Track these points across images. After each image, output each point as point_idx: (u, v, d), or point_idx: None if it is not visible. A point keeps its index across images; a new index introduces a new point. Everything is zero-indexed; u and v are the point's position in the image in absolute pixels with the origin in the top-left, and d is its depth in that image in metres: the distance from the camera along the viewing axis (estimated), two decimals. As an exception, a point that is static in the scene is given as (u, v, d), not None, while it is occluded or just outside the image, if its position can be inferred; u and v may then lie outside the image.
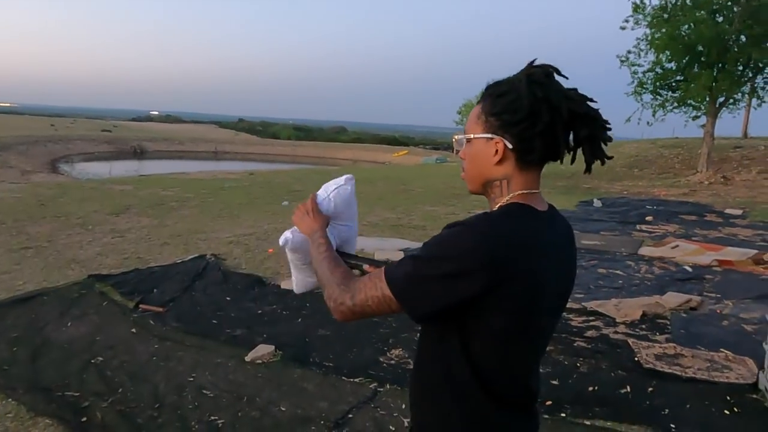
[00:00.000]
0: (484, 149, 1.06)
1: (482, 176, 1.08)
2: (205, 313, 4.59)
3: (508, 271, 0.94)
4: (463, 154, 1.11)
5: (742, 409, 3.01)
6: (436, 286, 0.96)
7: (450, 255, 0.95)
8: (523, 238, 0.98)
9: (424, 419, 1.10)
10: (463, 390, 1.02)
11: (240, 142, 52.78)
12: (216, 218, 9.74)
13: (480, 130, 1.06)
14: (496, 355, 1.01)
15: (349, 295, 1.06)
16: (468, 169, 1.11)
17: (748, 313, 4.62)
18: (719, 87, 13.79)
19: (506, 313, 0.97)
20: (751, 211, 10.40)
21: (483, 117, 1.06)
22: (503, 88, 1.04)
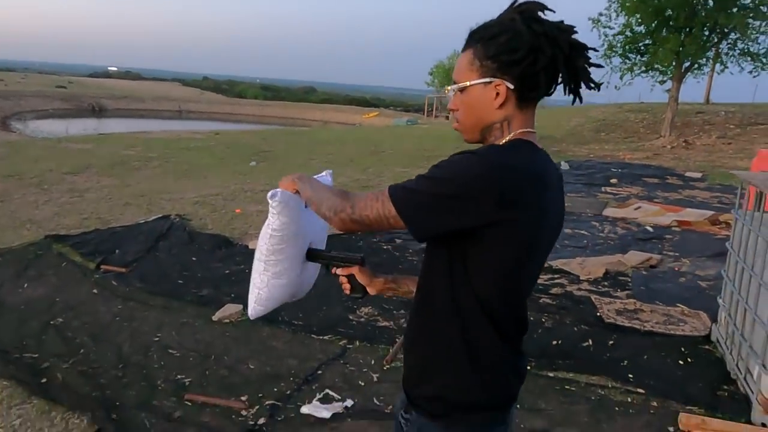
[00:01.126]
0: (482, 95, 1.04)
1: (482, 122, 1.06)
2: (170, 273, 4.49)
3: (517, 202, 0.94)
4: (455, 104, 1.08)
5: (695, 359, 3.16)
6: (442, 207, 0.94)
7: (459, 178, 0.94)
8: (532, 170, 0.98)
9: (425, 355, 1.08)
10: (469, 321, 1.02)
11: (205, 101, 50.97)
12: (181, 178, 9.46)
13: (476, 76, 1.03)
14: (496, 285, 1.01)
15: (349, 204, 1.04)
16: (464, 118, 1.07)
17: (703, 270, 4.82)
18: (686, 51, 13.97)
19: (511, 244, 0.97)
20: (709, 174, 10.74)
21: (477, 62, 1.03)
22: (494, 30, 1.01)
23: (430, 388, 1.07)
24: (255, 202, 7.38)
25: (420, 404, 1.10)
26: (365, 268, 1.32)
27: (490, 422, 1.08)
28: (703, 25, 14.03)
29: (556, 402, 2.67)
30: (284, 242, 1.25)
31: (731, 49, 15.14)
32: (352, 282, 1.32)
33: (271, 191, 1.24)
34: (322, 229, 1.40)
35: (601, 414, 2.59)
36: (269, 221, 1.24)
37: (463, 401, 1.05)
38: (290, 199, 1.23)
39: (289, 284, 1.32)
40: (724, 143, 14.78)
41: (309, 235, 1.33)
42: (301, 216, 1.27)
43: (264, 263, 1.28)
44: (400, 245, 5.38)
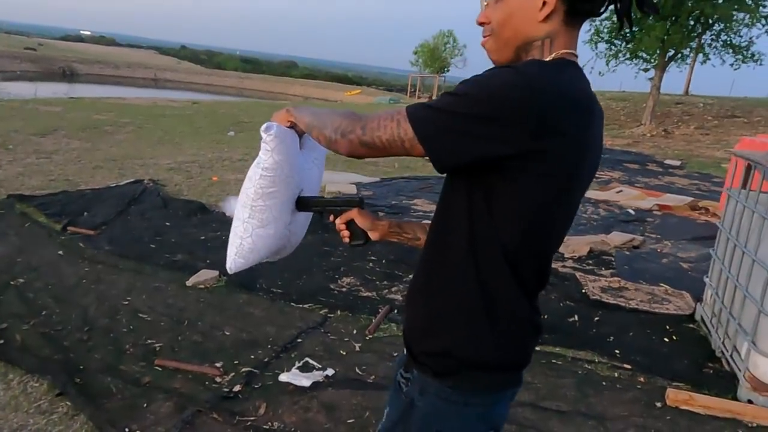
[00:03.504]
0: (525, 3, 0.88)
1: (520, 37, 0.90)
2: (142, 237, 4.27)
3: (560, 130, 0.80)
4: (487, 16, 0.93)
5: (679, 337, 3.13)
6: (471, 131, 0.79)
7: (493, 97, 0.78)
8: (580, 95, 0.84)
9: (435, 306, 0.94)
10: (488, 268, 0.88)
11: (183, 71, 49.47)
12: (155, 145, 9.11)
13: None
14: (524, 229, 0.87)
15: (360, 125, 0.90)
16: (500, 31, 0.91)
17: (684, 252, 4.83)
18: (671, 40, 14.00)
19: (547, 180, 0.83)
20: (688, 162, 10.88)
21: None
22: None
23: (438, 342, 0.94)
24: (233, 170, 7.14)
25: (424, 361, 0.96)
26: (365, 211, 1.17)
27: (502, 384, 0.96)
28: (689, 15, 14.06)
29: (542, 376, 2.60)
30: (276, 185, 1.09)
31: (714, 40, 15.26)
32: (351, 228, 1.17)
33: (265, 124, 1.08)
34: (316, 179, 1.26)
35: (588, 388, 2.54)
36: (260, 159, 1.08)
37: (474, 358, 0.92)
38: (286, 135, 1.09)
39: (276, 236, 1.16)
40: (702, 134, 14.99)
41: (302, 182, 1.18)
42: (296, 157, 1.13)
43: (250, 209, 1.12)
44: (383, 218, 5.25)
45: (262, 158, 1.09)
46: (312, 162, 1.23)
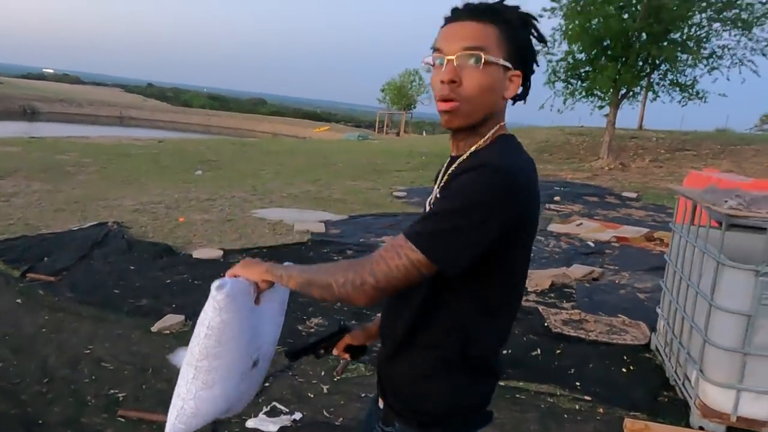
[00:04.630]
0: (500, 78, 0.96)
1: (490, 107, 0.97)
2: (105, 282, 4.20)
3: (527, 206, 0.93)
4: (456, 75, 0.94)
5: (636, 366, 3.26)
6: (472, 237, 0.88)
7: (483, 202, 0.87)
8: (531, 171, 0.97)
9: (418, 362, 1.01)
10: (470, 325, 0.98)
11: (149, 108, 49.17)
12: (120, 185, 9.00)
13: (501, 56, 0.95)
14: (502, 288, 0.99)
15: (367, 272, 0.90)
16: (474, 96, 0.95)
17: (641, 283, 5.04)
18: (622, 79, 14.80)
19: (522, 246, 0.98)
20: (644, 194, 11.37)
21: (504, 43, 0.95)
22: (518, 22, 0.97)
23: (423, 396, 1.02)
24: (200, 211, 7.11)
25: (408, 414, 1.02)
26: (353, 331, 1.24)
27: (480, 423, 1.06)
28: (638, 56, 14.94)
29: (507, 410, 2.66)
30: (222, 344, 1.00)
31: (662, 79, 16.20)
32: (350, 350, 1.24)
33: (218, 281, 0.99)
34: (277, 325, 1.18)
35: (550, 421, 2.61)
36: (206, 317, 0.99)
37: (457, 406, 1.01)
38: (240, 292, 1.01)
39: (223, 396, 1.06)
40: (656, 166, 15.73)
41: (257, 336, 1.10)
42: (250, 313, 1.05)
43: (194, 369, 1.01)
44: (351, 256, 5.30)
45: (209, 315, 0.99)
46: (272, 309, 1.14)
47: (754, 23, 14.08)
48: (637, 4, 14.46)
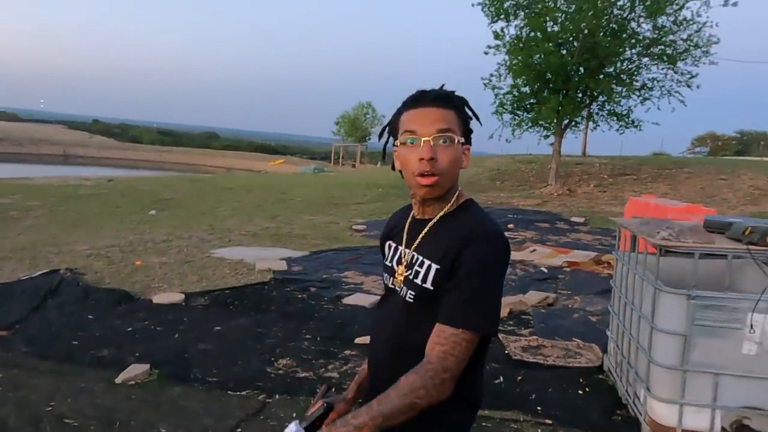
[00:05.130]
0: (459, 153, 1.15)
1: (455, 178, 1.17)
2: (63, 333, 4.09)
3: None
4: (440, 153, 1.12)
5: (591, 388, 3.46)
6: (499, 298, 1.11)
7: (499, 269, 1.11)
8: None
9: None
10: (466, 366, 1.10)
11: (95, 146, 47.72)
12: (70, 229, 8.72)
13: (461, 135, 1.16)
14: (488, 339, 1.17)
15: (441, 370, 1.03)
16: (448, 170, 1.13)
17: (592, 306, 5.32)
18: (564, 110, 15.75)
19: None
20: (591, 218, 11.98)
21: (460, 125, 1.16)
22: (462, 108, 1.18)
23: (438, 419, 1.13)
24: (157, 253, 6.99)
25: None
26: (337, 405, 1.34)
27: None
28: (577, 89, 15.96)
29: (474, 439, 2.78)
30: None
31: (600, 109, 17.33)
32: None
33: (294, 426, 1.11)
34: None
35: (515, 447, 2.75)
36: None
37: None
38: None
39: None
40: (600, 191, 16.61)
41: None
42: None
43: None
44: (315, 293, 5.36)
45: None
46: None
47: (678, 58, 15.39)
48: (574, 41, 15.52)
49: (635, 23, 15.47)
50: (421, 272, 1.15)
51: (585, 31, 14.97)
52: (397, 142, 1.18)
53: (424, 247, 1.17)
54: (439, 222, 1.17)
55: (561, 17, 15.24)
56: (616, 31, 15.31)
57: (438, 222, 1.17)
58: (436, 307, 1.11)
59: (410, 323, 1.17)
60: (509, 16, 15.82)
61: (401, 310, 1.19)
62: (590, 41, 15.01)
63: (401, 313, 1.19)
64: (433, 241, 1.16)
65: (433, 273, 1.13)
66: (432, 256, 1.14)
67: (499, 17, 15.86)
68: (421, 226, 1.20)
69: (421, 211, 1.21)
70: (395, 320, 1.20)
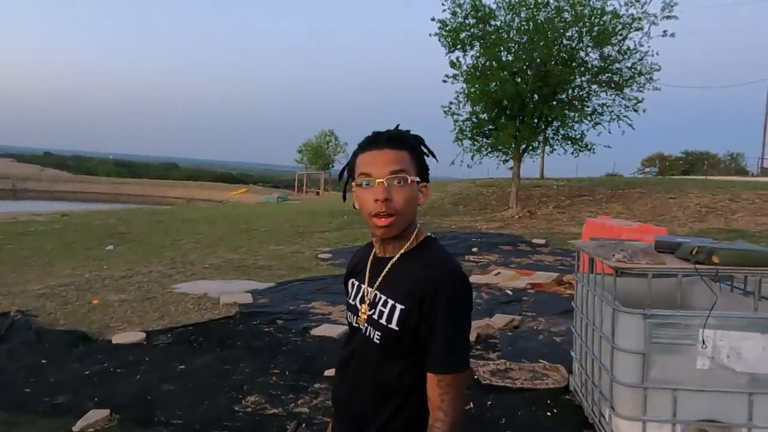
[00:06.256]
0: (415, 191, 1.20)
1: (411, 216, 1.21)
2: (14, 381, 3.88)
3: None
4: (388, 193, 1.16)
5: (559, 409, 3.53)
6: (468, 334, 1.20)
7: (468, 308, 1.17)
8: None
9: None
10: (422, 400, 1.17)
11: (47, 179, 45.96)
12: (21, 268, 8.33)
13: (415, 174, 1.20)
14: None
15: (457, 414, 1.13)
16: (403, 209, 1.17)
17: (556, 326, 5.45)
18: (521, 135, 16.31)
19: None
20: (551, 240, 12.31)
21: (414, 164, 1.20)
22: (417, 146, 1.23)
23: None
24: (116, 290, 6.75)
25: None
26: None
27: None
28: (533, 115, 16.59)
29: (447, 468, 2.78)
30: None
31: (555, 134, 18.03)
32: None
33: None
34: None
35: (488, 474, 2.76)
36: None
37: None
38: None
39: None
40: (559, 212, 17.14)
41: None
42: None
43: None
44: (282, 326, 5.28)
45: None
46: None
47: (624, 85, 16.27)
48: (528, 70, 16.19)
49: (584, 52, 16.30)
50: (385, 312, 1.18)
51: (537, 60, 15.65)
52: (353, 183, 1.22)
53: (386, 287, 1.21)
54: (400, 260, 1.21)
55: (514, 47, 15.91)
56: (567, 60, 16.07)
57: (399, 260, 1.21)
58: (402, 347, 1.15)
59: (374, 365, 1.20)
60: (465, 47, 16.41)
61: (367, 350, 1.21)
62: (543, 69, 15.70)
63: (367, 354, 1.21)
64: (395, 280, 1.19)
65: (397, 313, 1.16)
66: (396, 296, 1.17)
67: (456, 47, 16.43)
68: (383, 264, 1.23)
69: (382, 249, 1.24)
70: (360, 360, 1.23)
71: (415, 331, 1.14)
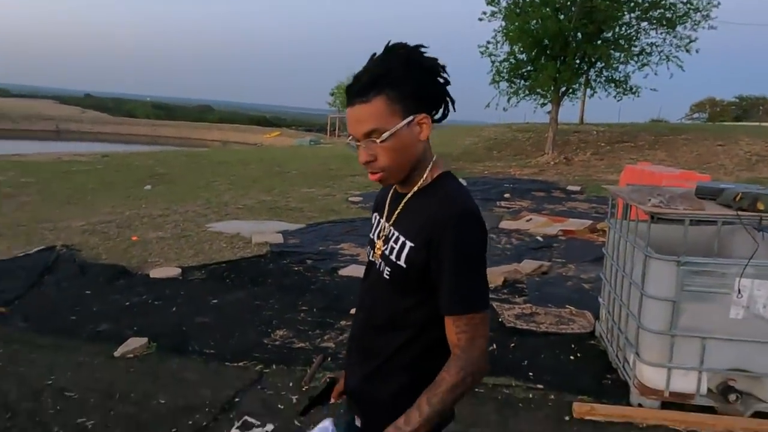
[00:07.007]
0: (409, 134, 1.09)
1: (412, 160, 1.12)
2: (60, 309, 4.13)
3: None
4: (370, 154, 1.09)
5: (582, 353, 3.53)
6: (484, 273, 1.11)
7: (483, 248, 1.09)
8: None
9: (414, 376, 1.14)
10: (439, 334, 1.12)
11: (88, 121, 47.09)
12: (65, 205, 8.70)
13: (399, 119, 1.06)
14: None
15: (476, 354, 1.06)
16: (392, 163, 1.09)
17: (586, 273, 5.38)
18: (562, 77, 15.54)
19: None
20: (587, 187, 11.97)
21: (397, 105, 1.06)
22: (398, 73, 1.06)
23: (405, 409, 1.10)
24: (153, 228, 7.00)
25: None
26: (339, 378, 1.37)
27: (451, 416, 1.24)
28: (575, 55, 15.71)
29: (466, 405, 2.84)
30: None
31: (598, 76, 17.11)
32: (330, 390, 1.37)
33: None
34: None
35: (507, 411, 2.82)
36: None
37: None
38: None
39: None
40: (597, 159, 16.55)
41: None
42: None
43: None
44: (311, 266, 5.39)
45: None
46: None
47: (677, 22, 15.11)
48: (572, 6, 15.19)
49: (634, -15, 15.17)
50: (395, 248, 1.14)
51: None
52: None
53: (400, 223, 1.17)
54: (414, 197, 1.15)
55: (558, -20, 14.91)
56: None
57: (413, 197, 1.16)
58: (409, 284, 1.12)
59: (384, 299, 1.17)
60: (506, -19, 15.47)
61: (378, 285, 1.19)
62: (588, 5, 14.68)
63: (378, 289, 1.19)
64: (409, 217, 1.15)
65: (406, 250, 1.12)
66: (407, 233, 1.13)
67: (496, -18, 15.51)
68: (400, 200, 1.19)
69: (399, 185, 1.20)
70: (372, 295, 1.22)
71: (424, 270, 1.10)
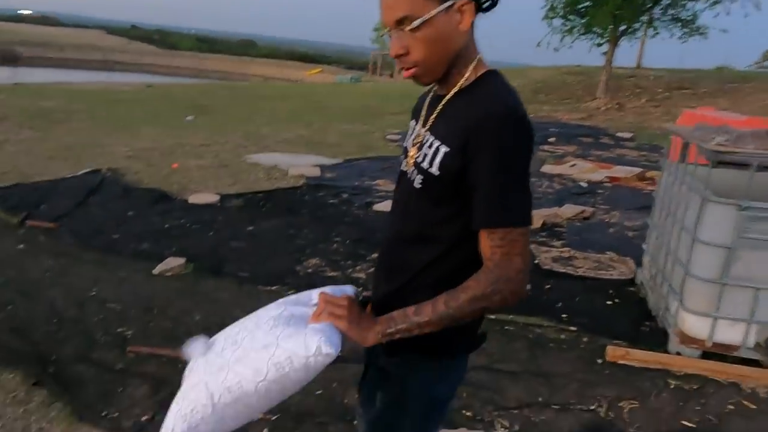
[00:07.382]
0: (447, 22, 0.95)
1: (450, 53, 0.98)
2: (105, 228, 4.28)
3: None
4: (404, 46, 0.97)
5: (620, 299, 3.41)
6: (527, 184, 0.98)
7: (525, 155, 0.96)
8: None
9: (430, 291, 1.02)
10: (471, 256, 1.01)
11: (134, 52, 47.55)
12: (111, 132, 8.89)
13: (436, 4, 0.94)
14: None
15: (513, 271, 0.94)
16: (428, 55, 0.97)
17: (631, 221, 5.14)
18: (622, 15, 14.42)
19: None
20: (638, 134, 11.34)
21: None
22: None
23: None
24: (194, 157, 7.09)
25: (413, 343, 1.03)
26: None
27: (474, 346, 1.13)
28: (639, -10, 14.50)
29: (496, 341, 2.81)
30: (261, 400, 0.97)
31: (663, 14, 15.78)
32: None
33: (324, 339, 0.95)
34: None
35: (538, 351, 2.77)
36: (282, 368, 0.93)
37: (464, 331, 1.07)
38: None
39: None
40: (653, 106, 15.57)
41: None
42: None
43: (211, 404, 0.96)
44: (346, 199, 5.37)
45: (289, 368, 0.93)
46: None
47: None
48: (640, -67, 13.84)
49: None
50: (428, 155, 1.02)
51: None
52: None
53: (436, 127, 1.04)
54: (455, 98, 1.02)
55: None
56: None
57: (453, 98, 1.02)
58: (443, 194, 1.00)
59: (414, 211, 1.06)
60: None
61: (409, 196, 1.08)
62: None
63: (409, 199, 1.08)
64: (447, 120, 1.02)
65: (440, 156, 0.99)
66: (444, 137, 1.00)
67: None
68: (438, 102, 1.06)
69: (437, 86, 1.06)
70: (402, 206, 1.11)
71: (459, 178, 0.97)
